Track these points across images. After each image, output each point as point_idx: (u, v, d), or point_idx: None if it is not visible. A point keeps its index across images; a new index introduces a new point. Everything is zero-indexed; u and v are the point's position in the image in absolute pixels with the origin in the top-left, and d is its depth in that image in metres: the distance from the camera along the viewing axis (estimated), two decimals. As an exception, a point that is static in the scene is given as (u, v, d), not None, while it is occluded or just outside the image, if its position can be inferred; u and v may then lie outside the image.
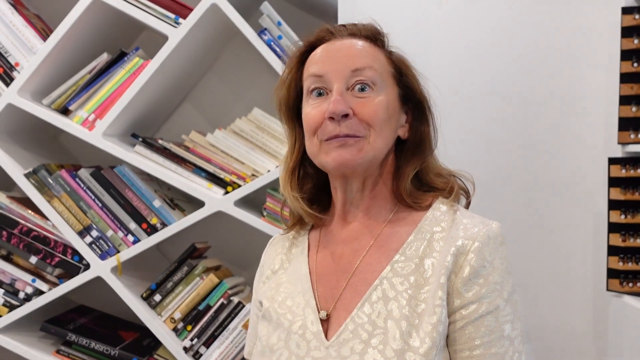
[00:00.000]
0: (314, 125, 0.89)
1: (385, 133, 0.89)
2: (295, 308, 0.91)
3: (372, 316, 0.85)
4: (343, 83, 0.88)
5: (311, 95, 0.91)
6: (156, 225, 1.60)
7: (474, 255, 0.85)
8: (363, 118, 0.87)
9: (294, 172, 0.96)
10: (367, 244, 0.91)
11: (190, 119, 1.86)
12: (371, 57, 0.90)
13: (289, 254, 0.99)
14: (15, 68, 1.60)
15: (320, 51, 0.92)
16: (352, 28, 0.93)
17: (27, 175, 1.60)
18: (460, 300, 0.84)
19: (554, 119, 1.72)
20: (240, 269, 1.84)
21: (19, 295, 1.62)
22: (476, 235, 0.86)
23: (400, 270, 0.87)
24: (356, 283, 0.89)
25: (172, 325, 1.60)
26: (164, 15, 1.56)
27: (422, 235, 0.89)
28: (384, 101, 0.89)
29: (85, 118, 1.60)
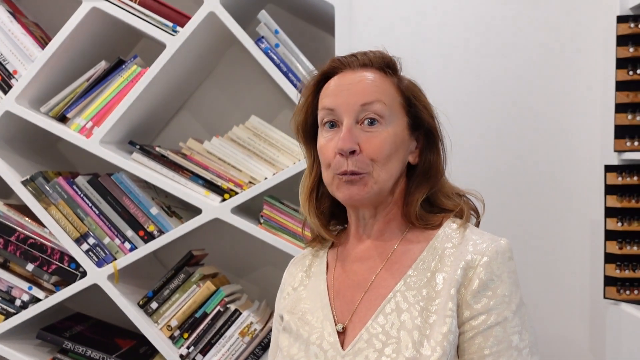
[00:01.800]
0: (328, 159, 0.95)
1: (389, 166, 0.94)
2: (314, 321, 0.96)
3: (386, 327, 0.90)
4: (353, 117, 0.93)
5: (325, 127, 0.96)
6: (153, 232, 1.60)
7: (483, 269, 0.89)
8: (368, 155, 0.92)
9: (312, 192, 1.02)
10: (380, 261, 0.96)
11: (188, 127, 1.86)
12: (381, 91, 0.94)
13: (309, 272, 1.05)
14: (14, 76, 1.61)
15: (333, 84, 0.97)
16: (363, 58, 0.97)
17: (24, 183, 1.60)
18: (469, 312, 0.88)
19: (550, 127, 1.73)
20: (237, 277, 1.84)
21: (16, 303, 1.61)
22: (485, 250, 0.90)
23: (413, 284, 0.92)
24: (371, 297, 0.94)
25: (169, 333, 1.60)
26: (161, 23, 1.57)
27: (433, 252, 0.94)
28: (391, 134, 0.93)
29: (83, 125, 1.61)
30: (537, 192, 1.74)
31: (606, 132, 1.63)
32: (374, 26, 1.75)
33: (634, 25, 1.48)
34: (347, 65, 0.97)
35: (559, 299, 1.73)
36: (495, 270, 0.89)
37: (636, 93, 1.50)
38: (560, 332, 1.74)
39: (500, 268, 0.90)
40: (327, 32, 1.78)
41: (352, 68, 0.97)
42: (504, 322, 0.87)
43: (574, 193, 1.72)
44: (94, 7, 1.56)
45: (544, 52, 1.72)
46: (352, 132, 0.92)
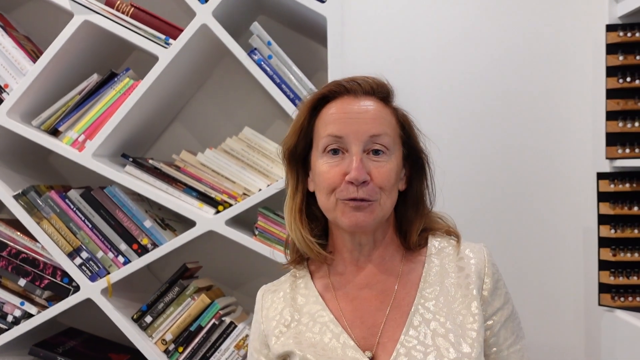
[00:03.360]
0: (332, 185, 0.95)
1: (393, 195, 0.98)
2: (332, 353, 0.94)
3: (420, 337, 0.93)
4: (361, 147, 0.95)
5: (327, 153, 0.97)
6: (147, 245, 1.59)
7: (490, 270, 0.99)
8: (377, 183, 0.95)
9: (302, 214, 1.02)
10: (392, 284, 0.99)
11: (181, 139, 1.86)
12: (386, 123, 0.98)
13: (295, 305, 1.02)
14: (5, 89, 1.60)
15: (337, 110, 0.97)
16: (365, 86, 0.99)
17: (16, 197, 1.58)
18: (491, 308, 0.98)
19: (541, 136, 1.74)
20: (231, 289, 1.83)
21: (7, 319, 1.60)
22: (482, 255, 1.01)
23: (429, 295, 0.97)
24: (394, 316, 0.96)
25: (164, 347, 1.59)
26: (154, 36, 1.57)
27: (434, 263, 1.01)
28: (394, 166, 0.97)
29: (75, 139, 1.60)
30: (530, 201, 1.75)
31: (598, 140, 1.65)
32: (366, 37, 1.76)
33: (623, 33, 1.50)
34: (350, 90, 0.98)
35: (553, 307, 1.74)
36: (495, 269, 1.01)
37: (626, 100, 1.51)
38: (556, 339, 1.74)
39: (496, 267, 1.01)
40: (319, 44, 1.78)
41: (355, 95, 0.98)
42: (512, 313, 1.01)
43: (567, 201, 1.74)
44: (85, 20, 1.55)
45: (535, 61, 1.74)
46: (362, 161, 0.94)
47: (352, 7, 1.76)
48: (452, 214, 1.08)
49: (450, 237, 1.04)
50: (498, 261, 1.02)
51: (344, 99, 0.98)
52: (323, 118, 0.99)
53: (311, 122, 1.00)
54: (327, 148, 0.96)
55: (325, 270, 1.04)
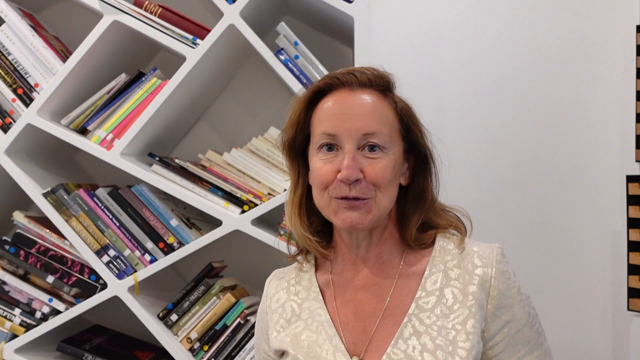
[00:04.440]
0: (325, 182, 0.92)
1: (390, 192, 0.94)
2: (325, 354, 0.93)
3: (408, 351, 0.90)
4: (355, 144, 0.92)
5: (322, 149, 0.93)
6: (173, 244, 1.60)
7: (497, 282, 0.93)
8: (371, 180, 0.91)
9: (301, 209, 0.99)
10: (388, 288, 0.95)
11: (207, 138, 1.87)
12: (382, 120, 0.93)
13: (296, 299, 1.01)
14: (35, 89, 1.62)
15: (332, 105, 0.94)
16: (362, 77, 0.95)
17: (45, 195, 1.60)
18: (498, 323, 0.92)
19: (570, 138, 1.72)
20: (256, 289, 1.84)
21: (36, 315, 1.62)
22: (491, 261, 0.94)
23: (425, 305, 0.93)
24: (386, 325, 0.93)
25: (189, 345, 1.60)
26: (181, 36, 1.58)
27: (436, 268, 0.95)
28: (391, 162, 0.93)
29: (103, 138, 1.62)
30: (558, 203, 1.72)
31: (627, 142, 1.62)
32: (393, 38, 1.76)
33: (656, 35, 1.48)
34: (345, 83, 0.94)
35: (581, 311, 1.71)
36: (505, 278, 0.94)
37: (658, 103, 1.49)
38: (583, 345, 1.71)
39: (508, 273, 0.94)
40: (345, 44, 1.78)
41: (350, 87, 0.94)
42: (528, 320, 0.94)
43: (595, 204, 1.71)
44: (114, 21, 1.57)
45: (563, 62, 1.72)
46: (355, 159, 0.91)
47: (379, 8, 1.75)
48: (478, 217, 1.04)
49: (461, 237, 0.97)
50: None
51: (340, 92, 0.94)
52: (318, 113, 0.95)
53: (307, 116, 0.97)
54: (320, 144, 0.93)
55: (328, 265, 1.01)
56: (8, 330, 1.61)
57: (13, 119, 1.62)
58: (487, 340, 0.92)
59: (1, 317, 1.61)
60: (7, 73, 1.62)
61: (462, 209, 1.01)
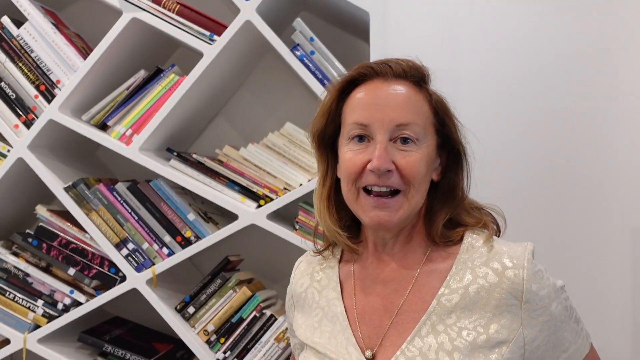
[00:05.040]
0: (354, 174, 0.90)
1: (422, 187, 0.91)
2: (338, 347, 0.93)
3: (423, 349, 0.87)
4: (387, 135, 0.89)
5: (352, 140, 0.91)
6: (190, 238, 1.62)
7: (530, 281, 0.88)
8: (404, 174, 0.88)
9: (330, 201, 0.97)
10: (407, 284, 0.93)
11: (224, 134, 1.89)
12: (416, 111, 0.90)
13: (318, 287, 1.01)
14: (57, 85, 1.65)
15: (365, 95, 0.91)
16: (397, 68, 0.92)
17: (66, 189, 1.64)
18: (536, 326, 0.88)
19: (591, 132, 1.69)
20: (272, 282, 1.85)
21: (58, 306, 1.66)
22: (522, 261, 0.89)
23: (447, 303, 0.89)
24: (402, 321, 0.90)
25: (206, 338, 1.62)
26: (199, 32, 1.60)
27: (463, 266, 0.91)
28: (424, 156, 0.90)
29: (123, 133, 1.64)
30: (578, 200, 1.70)
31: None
32: (409, 33, 1.75)
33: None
34: (380, 73, 0.92)
35: (600, 309, 1.69)
36: (538, 278, 0.89)
37: (680, 97, 1.46)
38: (601, 342, 1.69)
39: (540, 273, 0.89)
40: (361, 39, 1.78)
41: (385, 78, 0.92)
42: (566, 313, 0.91)
43: (616, 200, 1.69)
44: (133, 18, 1.59)
45: (587, 56, 1.69)
46: (387, 149, 0.88)
47: (395, 2, 1.75)
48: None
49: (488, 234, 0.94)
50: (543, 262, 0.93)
51: (374, 82, 0.92)
52: (351, 103, 0.93)
53: (339, 106, 0.94)
54: (352, 134, 0.91)
55: (352, 255, 1.00)
56: (31, 320, 1.65)
57: (36, 115, 1.66)
58: (530, 343, 0.88)
59: (25, 308, 1.66)
60: (30, 70, 1.66)
61: (497, 208, 0.98)
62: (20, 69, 1.65)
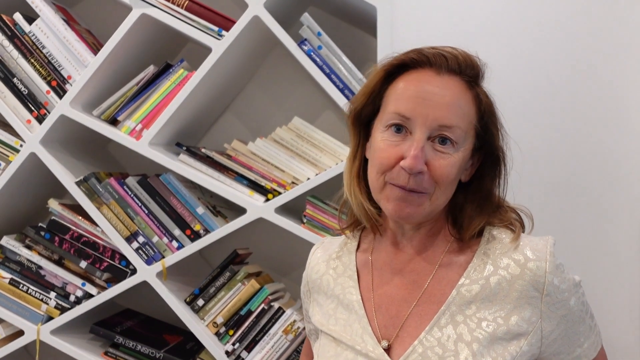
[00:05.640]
0: (385, 166, 0.87)
1: (449, 190, 0.89)
2: (354, 335, 0.92)
3: (442, 339, 0.86)
4: (427, 133, 0.86)
5: (389, 129, 0.88)
6: (199, 231, 1.64)
7: (552, 274, 0.87)
8: (434, 176, 0.86)
9: (360, 177, 0.96)
10: (427, 275, 0.92)
11: (232, 128, 1.91)
12: (463, 114, 0.87)
13: (334, 274, 1.00)
14: (68, 81, 1.68)
15: (413, 85, 0.87)
16: (453, 62, 0.88)
17: (78, 183, 1.66)
18: (554, 319, 0.88)
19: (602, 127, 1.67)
20: (280, 275, 1.87)
21: (70, 299, 1.68)
22: (545, 254, 0.88)
23: (467, 293, 0.88)
24: (421, 311, 0.90)
25: (215, 330, 1.64)
26: (207, 28, 1.61)
27: (484, 257, 0.90)
28: (459, 160, 0.87)
29: (133, 128, 1.66)
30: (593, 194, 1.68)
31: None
32: (417, 27, 1.75)
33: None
34: (433, 64, 0.87)
35: (610, 302, 1.69)
36: (560, 272, 0.88)
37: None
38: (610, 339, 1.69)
39: (561, 267, 0.89)
40: (369, 34, 1.79)
41: (438, 70, 0.87)
42: (583, 308, 0.91)
43: (624, 194, 1.68)
44: (143, 14, 1.61)
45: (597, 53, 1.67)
46: (423, 150, 0.85)
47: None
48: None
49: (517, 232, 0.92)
50: None
51: (424, 72, 0.87)
52: (395, 89, 0.88)
53: (383, 88, 0.90)
54: (390, 123, 0.87)
55: (370, 245, 0.99)
56: (44, 312, 1.68)
57: (48, 110, 1.68)
58: (547, 337, 0.88)
59: (38, 300, 1.69)
60: (41, 66, 1.68)
61: (526, 209, 0.96)
62: (32, 64, 1.68)
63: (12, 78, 1.68)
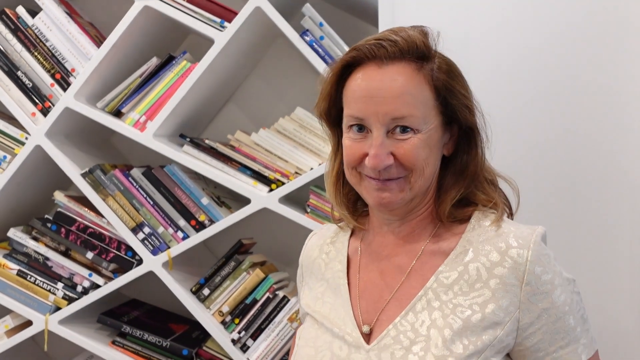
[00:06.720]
0: (353, 162, 0.89)
1: (427, 170, 0.88)
2: (337, 319, 0.94)
3: (416, 325, 0.87)
4: (383, 129, 0.86)
5: (351, 129, 0.89)
6: (204, 222, 1.66)
7: (534, 263, 0.85)
8: (403, 163, 0.86)
9: (339, 177, 0.98)
10: (410, 261, 0.92)
11: (235, 119, 1.92)
12: (414, 102, 0.85)
13: (326, 259, 1.02)
14: (72, 74, 1.69)
15: (359, 86, 0.87)
16: (392, 48, 0.85)
17: (83, 175, 1.68)
18: (533, 311, 0.85)
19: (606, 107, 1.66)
20: (284, 265, 1.89)
21: (77, 289, 1.71)
22: (528, 242, 0.86)
23: (445, 280, 0.88)
24: (401, 297, 0.90)
25: (221, 318, 1.66)
26: (210, 19, 1.62)
27: (467, 244, 0.90)
28: (423, 141, 0.86)
29: (137, 120, 1.68)
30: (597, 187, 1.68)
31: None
32: (418, 16, 1.75)
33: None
34: (374, 57, 0.86)
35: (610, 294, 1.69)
36: (543, 261, 0.86)
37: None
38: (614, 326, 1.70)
39: (546, 257, 0.86)
40: (370, 24, 1.79)
41: (379, 62, 0.86)
42: (570, 309, 0.87)
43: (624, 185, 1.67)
44: (145, 6, 1.62)
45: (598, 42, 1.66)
46: (384, 145, 0.85)
47: (403, -14, 1.75)
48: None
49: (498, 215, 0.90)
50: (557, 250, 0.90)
51: (368, 67, 0.86)
52: (347, 91, 0.89)
53: (339, 90, 0.91)
54: (350, 124, 0.89)
55: (361, 233, 1.01)
56: (52, 303, 1.71)
57: (52, 103, 1.70)
58: (524, 330, 0.86)
59: (45, 290, 1.71)
60: (45, 59, 1.69)
61: (511, 181, 0.94)
62: (36, 58, 1.69)
63: (16, 71, 1.69)
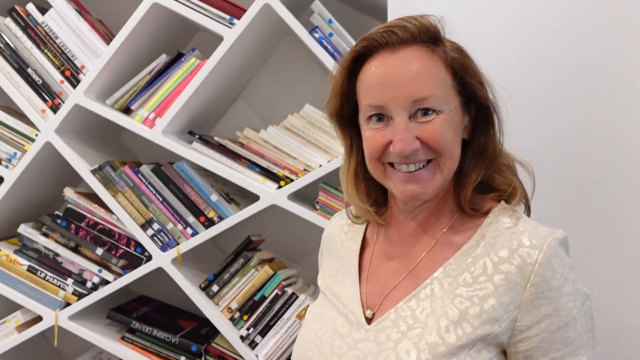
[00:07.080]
0: (377, 153, 0.87)
1: (455, 152, 0.87)
2: (344, 297, 0.95)
3: (417, 312, 0.86)
4: (406, 114, 0.84)
5: (371, 120, 0.87)
6: (213, 218, 1.66)
7: (543, 265, 0.82)
8: (431, 146, 0.85)
9: (357, 177, 0.96)
10: (422, 250, 0.92)
11: (244, 116, 1.92)
12: (433, 81, 0.84)
13: (344, 238, 1.03)
14: (81, 71, 1.69)
15: (374, 73, 0.86)
16: (404, 34, 0.85)
17: (93, 172, 1.69)
18: (534, 314, 0.83)
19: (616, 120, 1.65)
20: (293, 262, 1.89)
21: (87, 285, 1.72)
22: (542, 244, 0.83)
23: (452, 271, 0.88)
24: (406, 284, 0.90)
25: (229, 315, 1.67)
26: (218, 16, 1.62)
27: (480, 239, 0.88)
28: (447, 121, 0.85)
29: (146, 117, 1.68)
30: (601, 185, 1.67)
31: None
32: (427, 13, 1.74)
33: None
34: (386, 44, 0.85)
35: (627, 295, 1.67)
36: (554, 265, 0.82)
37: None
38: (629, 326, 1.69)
39: (561, 264, 0.83)
40: (379, 20, 1.79)
41: (392, 48, 0.85)
42: (572, 322, 0.83)
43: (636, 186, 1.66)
44: (155, 3, 1.62)
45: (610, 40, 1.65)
46: (408, 129, 0.84)
47: (412, -17, 1.74)
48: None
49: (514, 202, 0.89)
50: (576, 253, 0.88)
51: (381, 55, 0.85)
52: (362, 82, 0.87)
53: (352, 84, 0.90)
54: (369, 115, 0.87)
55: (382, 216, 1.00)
56: (62, 298, 1.72)
57: (62, 99, 1.70)
58: (520, 332, 0.83)
59: (56, 286, 1.72)
60: (55, 56, 1.70)
61: (527, 165, 0.93)
62: (46, 55, 1.70)
63: (26, 68, 1.70)
